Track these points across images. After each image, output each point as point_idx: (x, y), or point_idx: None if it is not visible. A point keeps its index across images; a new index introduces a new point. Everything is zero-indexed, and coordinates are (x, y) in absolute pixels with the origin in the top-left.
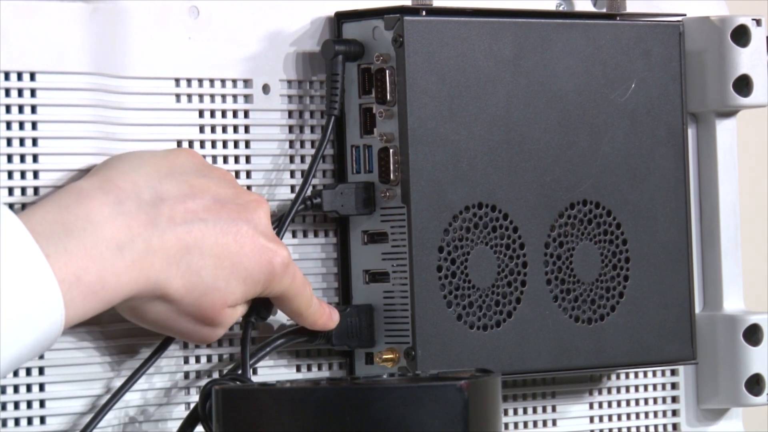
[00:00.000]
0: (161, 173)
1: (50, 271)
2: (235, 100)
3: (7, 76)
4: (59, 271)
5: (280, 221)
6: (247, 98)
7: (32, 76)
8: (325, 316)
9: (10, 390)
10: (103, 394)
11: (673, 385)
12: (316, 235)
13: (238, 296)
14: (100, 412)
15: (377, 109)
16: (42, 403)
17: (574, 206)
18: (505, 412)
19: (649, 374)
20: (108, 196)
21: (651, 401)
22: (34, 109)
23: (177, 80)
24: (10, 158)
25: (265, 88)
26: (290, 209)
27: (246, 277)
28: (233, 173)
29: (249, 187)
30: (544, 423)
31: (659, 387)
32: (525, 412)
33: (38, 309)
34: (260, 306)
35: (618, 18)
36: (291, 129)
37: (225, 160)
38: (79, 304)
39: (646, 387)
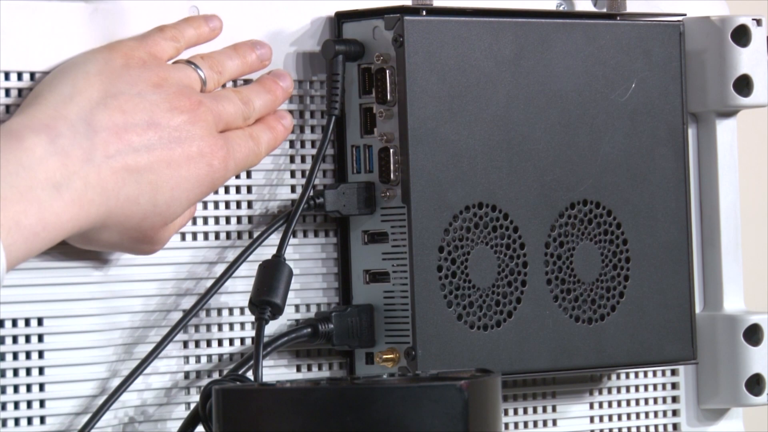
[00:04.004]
0: (93, 101)
1: None
2: None
3: (7, 76)
4: None
5: (285, 222)
6: None
7: (32, 76)
8: (278, 136)
9: (10, 390)
10: (102, 394)
11: (674, 385)
12: (316, 235)
13: (180, 211)
14: (98, 412)
15: (377, 109)
16: (42, 403)
17: (574, 206)
18: (506, 412)
19: (650, 374)
20: (39, 136)
21: (651, 401)
22: None
23: None
24: None
25: None
26: (295, 210)
27: (187, 189)
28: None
29: (249, 188)
30: (545, 423)
31: (659, 387)
32: (525, 412)
33: None
34: (273, 304)
35: (618, 18)
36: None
37: None
38: (21, 246)
39: (646, 387)
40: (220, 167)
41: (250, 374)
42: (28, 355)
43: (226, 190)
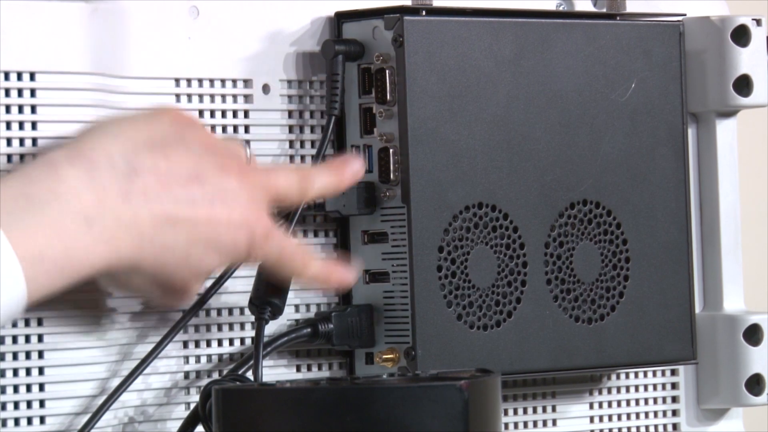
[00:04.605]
0: (138, 144)
1: (10, 248)
2: (235, 100)
3: (7, 76)
4: (20, 248)
5: (285, 222)
6: (247, 98)
7: (32, 76)
8: (335, 279)
9: (10, 390)
10: (102, 394)
11: (674, 385)
12: (316, 235)
13: (211, 269)
14: (98, 412)
15: (377, 109)
16: (42, 403)
17: (574, 206)
18: (505, 412)
19: (650, 374)
20: (77, 168)
21: (651, 401)
22: (33, 109)
23: (177, 80)
24: (9, 158)
25: (265, 88)
26: (295, 210)
27: (221, 252)
28: None
29: None
30: (545, 423)
31: (659, 387)
32: (525, 412)
33: None
34: (273, 304)
35: (618, 18)
36: (291, 129)
37: None
38: (44, 280)
39: (646, 387)
40: (258, 242)
41: (250, 374)
42: (28, 355)
43: None
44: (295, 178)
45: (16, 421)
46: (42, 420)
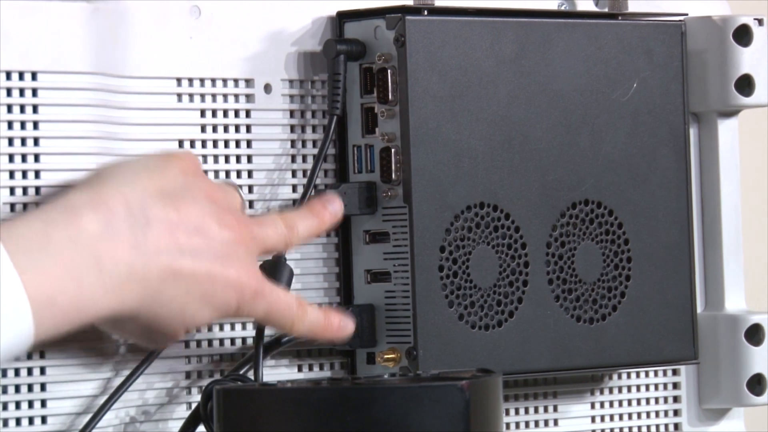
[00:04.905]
0: (152, 193)
1: (22, 289)
2: (236, 100)
3: (8, 75)
4: (32, 289)
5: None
6: (249, 98)
7: (34, 76)
8: (330, 332)
9: (11, 390)
10: (104, 394)
11: (675, 385)
12: (317, 235)
13: (202, 323)
14: (99, 411)
15: (379, 109)
16: (43, 403)
17: (575, 206)
18: (507, 412)
19: (651, 374)
20: (97, 214)
21: (652, 401)
22: (35, 108)
23: (179, 80)
24: (11, 158)
25: (267, 88)
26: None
27: (214, 308)
28: (235, 173)
29: (250, 188)
30: (546, 423)
31: (661, 387)
32: (526, 411)
33: (6, 326)
34: None
35: (620, 18)
36: (293, 129)
37: (227, 159)
38: (50, 323)
39: (647, 387)
40: (248, 301)
41: (251, 374)
42: (29, 354)
43: None
44: (282, 229)
45: (18, 421)
46: (43, 420)
